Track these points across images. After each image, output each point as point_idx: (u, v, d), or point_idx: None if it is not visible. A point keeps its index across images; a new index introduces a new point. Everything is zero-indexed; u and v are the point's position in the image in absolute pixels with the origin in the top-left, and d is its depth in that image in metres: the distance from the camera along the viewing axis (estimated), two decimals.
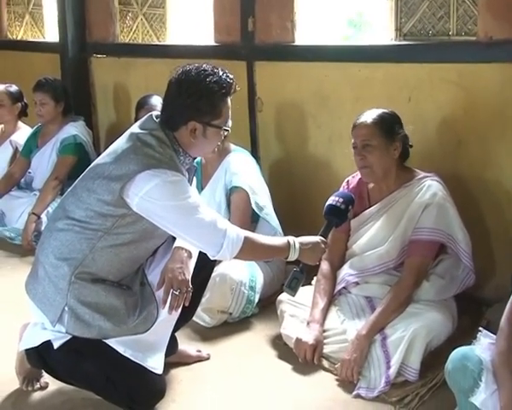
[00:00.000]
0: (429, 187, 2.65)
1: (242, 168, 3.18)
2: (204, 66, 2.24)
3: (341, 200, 2.57)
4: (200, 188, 3.24)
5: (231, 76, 2.27)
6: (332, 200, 2.59)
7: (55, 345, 2.25)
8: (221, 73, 2.24)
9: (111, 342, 2.24)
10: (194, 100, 2.20)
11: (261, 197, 3.17)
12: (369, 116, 2.67)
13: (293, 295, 2.48)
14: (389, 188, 2.73)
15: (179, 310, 2.32)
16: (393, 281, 2.66)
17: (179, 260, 2.34)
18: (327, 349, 2.62)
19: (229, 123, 2.31)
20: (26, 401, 2.41)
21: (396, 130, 2.68)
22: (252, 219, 3.18)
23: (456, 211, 2.65)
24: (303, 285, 2.55)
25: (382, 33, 3.63)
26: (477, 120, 2.97)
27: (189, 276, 2.33)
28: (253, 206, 3.11)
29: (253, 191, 3.13)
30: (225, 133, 2.30)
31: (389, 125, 2.66)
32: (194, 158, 2.37)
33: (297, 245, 2.33)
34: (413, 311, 2.56)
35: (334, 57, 3.50)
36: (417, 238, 2.62)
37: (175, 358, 2.58)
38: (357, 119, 2.69)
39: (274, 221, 3.15)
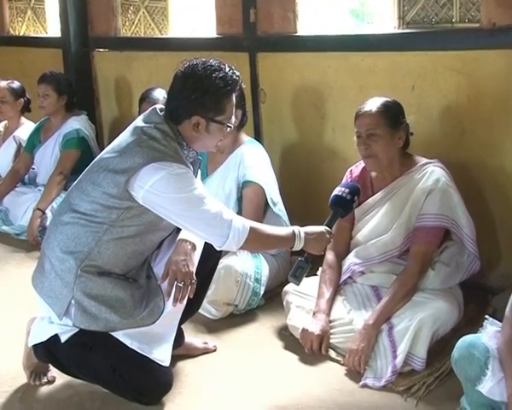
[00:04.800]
0: (432, 173, 2.65)
1: (257, 162, 3.16)
2: (211, 61, 2.24)
3: (347, 190, 2.56)
4: (206, 174, 3.23)
5: (237, 73, 2.27)
6: (338, 190, 2.58)
7: (62, 339, 2.26)
8: (227, 70, 2.24)
9: (118, 335, 2.25)
10: (198, 95, 2.20)
11: (275, 193, 3.17)
12: (374, 105, 2.65)
13: (298, 284, 2.48)
14: (392, 176, 2.72)
15: (184, 302, 2.33)
16: (399, 270, 2.66)
17: (183, 252, 2.34)
18: (333, 339, 2.62)
19: (233, 119, 2.32)
20: (34, 395, 2.43)
21: (400, 119, 2.67)
22: None
23: (459, 197, 2.64)
24: (308, 275, 2.56)
25: (385, 22, 3.61)
26: (481, 107, 2.96)
27: (193, 268, 2.34)
28: (269, 201, 3.10)
29: (268, 187, 3.12)
30: (228, 130, 2.31)
31: (394, 114, 2.66)
32: (198, 152, 2.37)
33: (302, 235, 2.33)
34: (419, 300, 2.56)
35: (336, 47, 3.49)
36: (422, 225, 2.61)
37: (181, 350, 2.59)
38: (360, 107, 2.68)
39: (285, 217, 3.15)
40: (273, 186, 3.18)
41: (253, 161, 3.14)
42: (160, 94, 3.59)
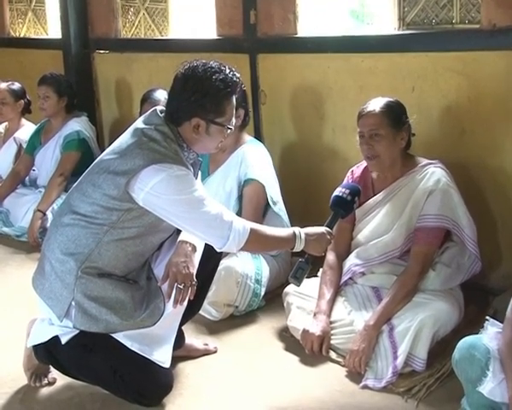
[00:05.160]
0: (433, 174, 2.65)
1: (258, 161, 3.16)
2: (211, 63, 2.24)
3: (348, 191, 2.56)
4: (207, 173, 3.24)
5: (238, 75, 2.27)
6: (338, 191, 2.58)
7: (63, 340, 2.26)
8: (227, 72, 2.24)
9: (118, 337, 2.25)
10: (198, 97, 2.20)
11: (275, 192, 3.17)
12: (377, 105, 2.65)
13: (298, 286, 2.48)
14: (393, 176, 2.72)
15: (185, 304, 2.33)
16: (399, 270, 2.66)
17: (183, 253, 2.34)
18: (334, 341, 2.62)
19: (233, 121, 2.32)
20: (34, 396, 2.42)
21: (403, 119, 2.68)
22: None
23: (460, 197, 2.64)
24: (309, 276, 2.55)
25: (385, 23, 3.61)
26: (481, 108, 2.96)
27: (193, 270, 2.34)
28: (269, 200, 3.10)
29: (269, 185, 3.13)
30: (228, 131, 2.31)
31: (397, 115, 2.66)
32: (198, 154, 2.37)
33: (303, 236, 2.33)
34: (420, 301, 2.56)
35: (336, 48, 3.49)
36: (423, 226, 2.61)
37: (182, 352, 2.59)
38: (363, 107, 2.68)
39: (285, 217, 3.15)
40: (274, 185, 3.19)
41: (254, 160, 3.15)
42: (162, 95, 3.59)
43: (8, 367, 2.58)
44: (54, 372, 2.47)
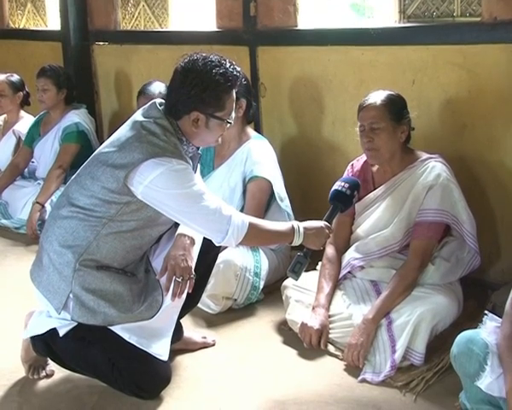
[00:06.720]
0: (433, 168, 2.64)
1: (264, 158, 3.16)
2: (211, 56, 2.23)
3: (347, 185, 2.55)
4: (212, 167, 3.24)
5: (238, 68, 2.26)
6: (338, 185, 2.57)
7: (61, 333, 2.26)
8: (228, 66, 2.23)
9: (116, 329, 2.25)
10: (198, 91, 2.19)
11: (282, 189, 3.18)
12: (378, 98, 2.64)
13: (297, 279, 2.48)
14: (393, 170, 2.71)
15: (183, 297, 2.33)
16: (398, 265, 2.65)
17: (182, 246, 2.34)
18: (332, 334, 2.62)
19: (233, 115, 2.31)
20: (32, 388, 2.42)
21: (404, 113, 2.67)
22: None
23: (460, 192, 2.63)
24: (308, 270, 2.55)
25: (386, 16, 3.60)
26: (482, 101, 2.95)
27: (191, 263, 2.34)
28: (276, 197, 3.11)
29: (276, 183, 3.13)
30: (228, 126, 2.30)
31: (398, 108, 2.65)
32: (198, 147, 2.36)
33: (301, 230, 2.33)
34: (419, 295, 2.56)
35: (337, 41, 3.48)
36: (422, 220, 2.60)
37: (180, 345, 2.59)
38: (364, 100, 2.67)
39: (291, 212, 3.15)
40: (280, 182, 3.19)
41: (260, 157, 3.15)
42: (157, 88, 3.58)
43: (7, 359, 2.57)
44: (52, 365, 2.47)
